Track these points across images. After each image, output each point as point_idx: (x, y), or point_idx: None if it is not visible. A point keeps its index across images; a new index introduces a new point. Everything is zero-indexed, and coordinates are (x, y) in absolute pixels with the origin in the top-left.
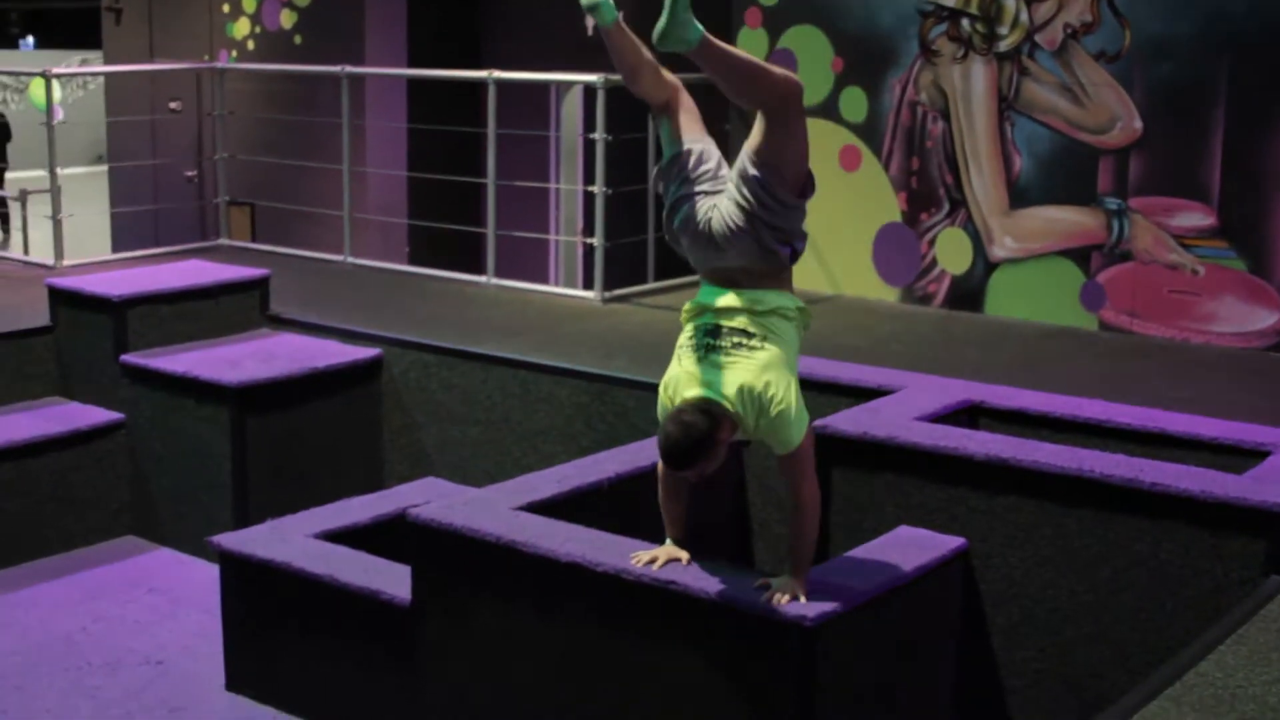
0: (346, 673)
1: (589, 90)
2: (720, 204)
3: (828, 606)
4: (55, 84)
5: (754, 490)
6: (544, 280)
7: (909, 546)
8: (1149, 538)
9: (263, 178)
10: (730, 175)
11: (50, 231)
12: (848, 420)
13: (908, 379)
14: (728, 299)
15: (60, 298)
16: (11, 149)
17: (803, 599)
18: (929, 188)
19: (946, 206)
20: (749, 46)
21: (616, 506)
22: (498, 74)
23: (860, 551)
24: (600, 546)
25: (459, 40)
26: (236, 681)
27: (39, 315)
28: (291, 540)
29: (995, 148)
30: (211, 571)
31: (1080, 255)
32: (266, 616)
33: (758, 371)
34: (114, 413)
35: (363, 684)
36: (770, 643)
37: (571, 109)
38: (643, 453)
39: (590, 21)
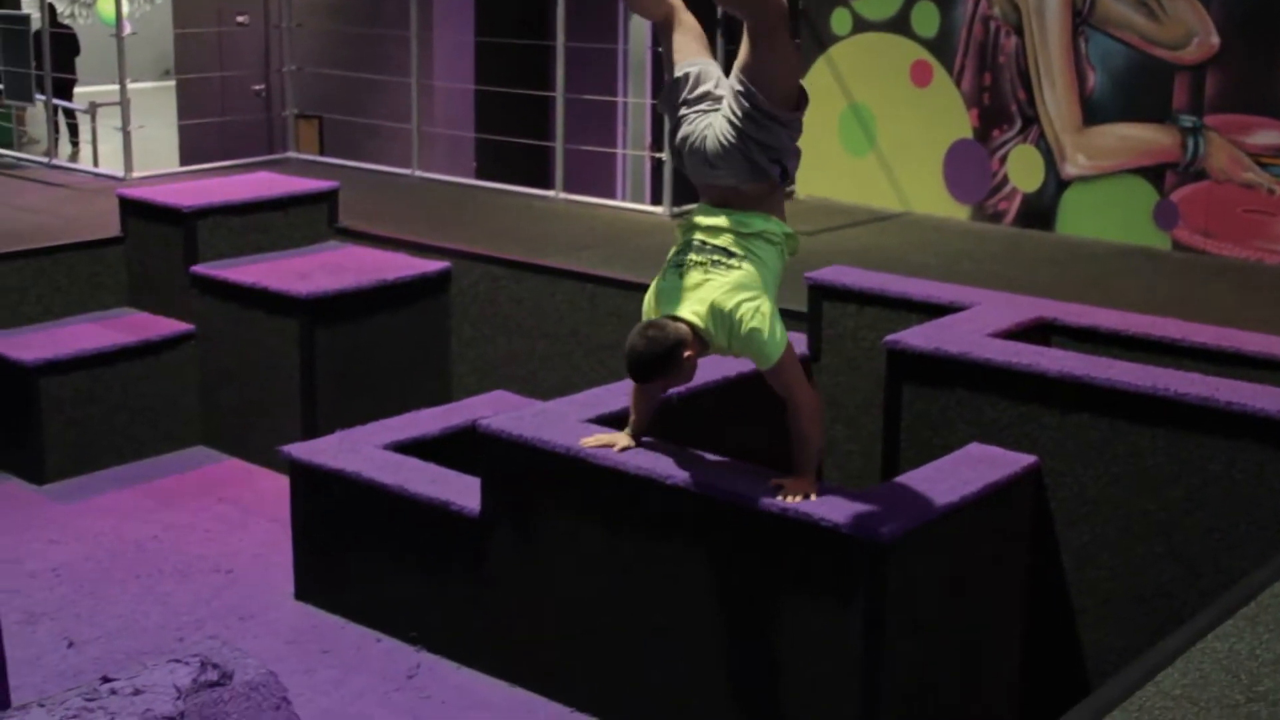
0: (414, 583)
1: None
2: (715, 121)
3: (899, 522)
4: None
5: (825, 407)
6: (611, 196)
7: (980, 463)
8: (1223, 457)
9: (330, 91)
10: (725, 92)
11: (119, 144)
12: (919, 336)
13: (979, 295)
14: (716, 218)
15: (130, 208)
16: (79, 62)
17: (814, 497)
18: (1001, 104)
19: (1019, 123)
20: None
21: (684, 420)
22: None
23: (931, 468)
24: (669, 460)
25: None
26: (305, 590)
27: (109, 226)
28: (361, 451)
29: (1069, 63)
30: (280, 481)
31: (1154, 173)
32: (335, 526)
33: (730, 290)
34: (184, 323)
35: (430, 594)
36: (843, 558)
37: (639, 21)
38: (710, 367)
39: None
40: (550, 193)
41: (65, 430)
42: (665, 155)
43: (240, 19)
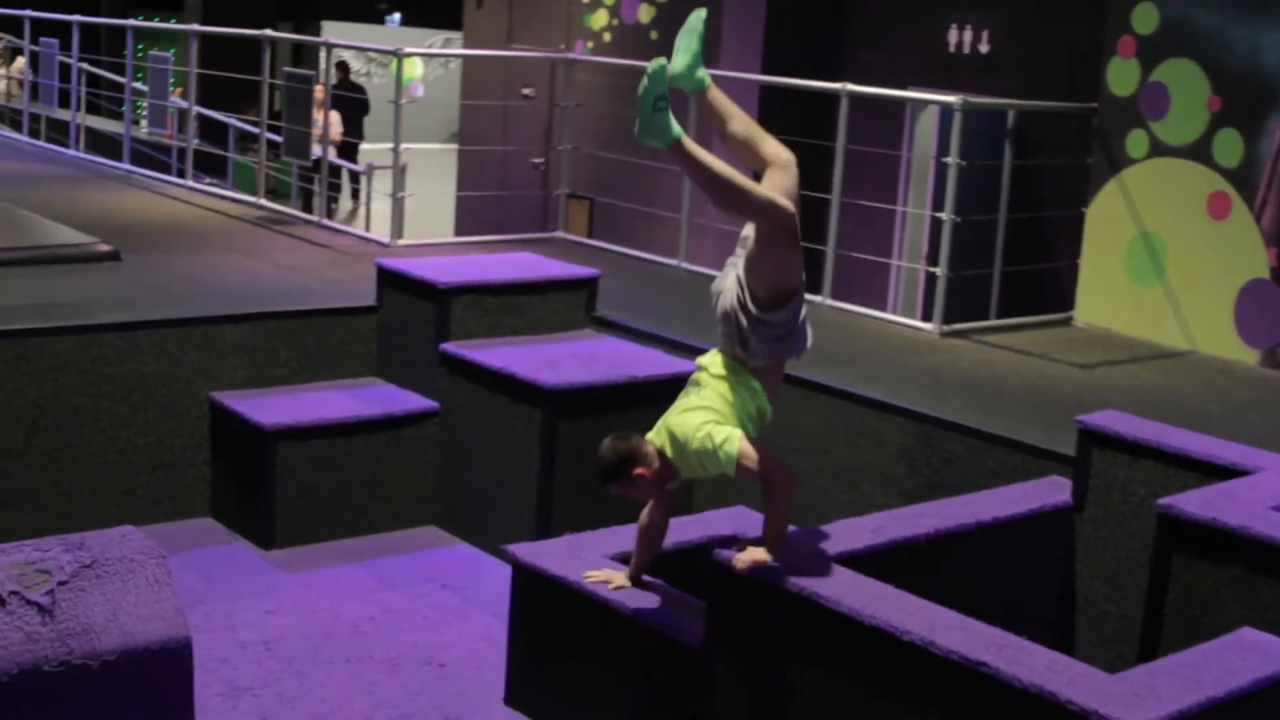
0: (627, 706)
1: (945, 111)
2: (729, 278)
3: (1153, 714)
4: (418, 61)
5: (1083, 559)
6: (881, 306)
7: (1252, 653)
8: None
9: (605, 172)
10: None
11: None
12: (1196, 502)
13: (1266, 460)
14: (707, 355)
15: (388, 279)
16: (369, 122)
17: (767, 560)
18: None
19: None
20: (1120, 77)
21: (932, 566)
22: (851, 87)
23: (1195, 653)
24: (909, 612)
25: (816, 48)
26: (515, 697)
27: (366, 294)
28: (587, 558)
29: None
30: (508, 574)
31: None
32: (553, 634)
33: (680, 413)
34: (429, 400)
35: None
36: None
37: (926, 129)
38: (968, 508)
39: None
40: (818, 298)
41: (298, 498)
42: (940, 270)
43: (526, 91)
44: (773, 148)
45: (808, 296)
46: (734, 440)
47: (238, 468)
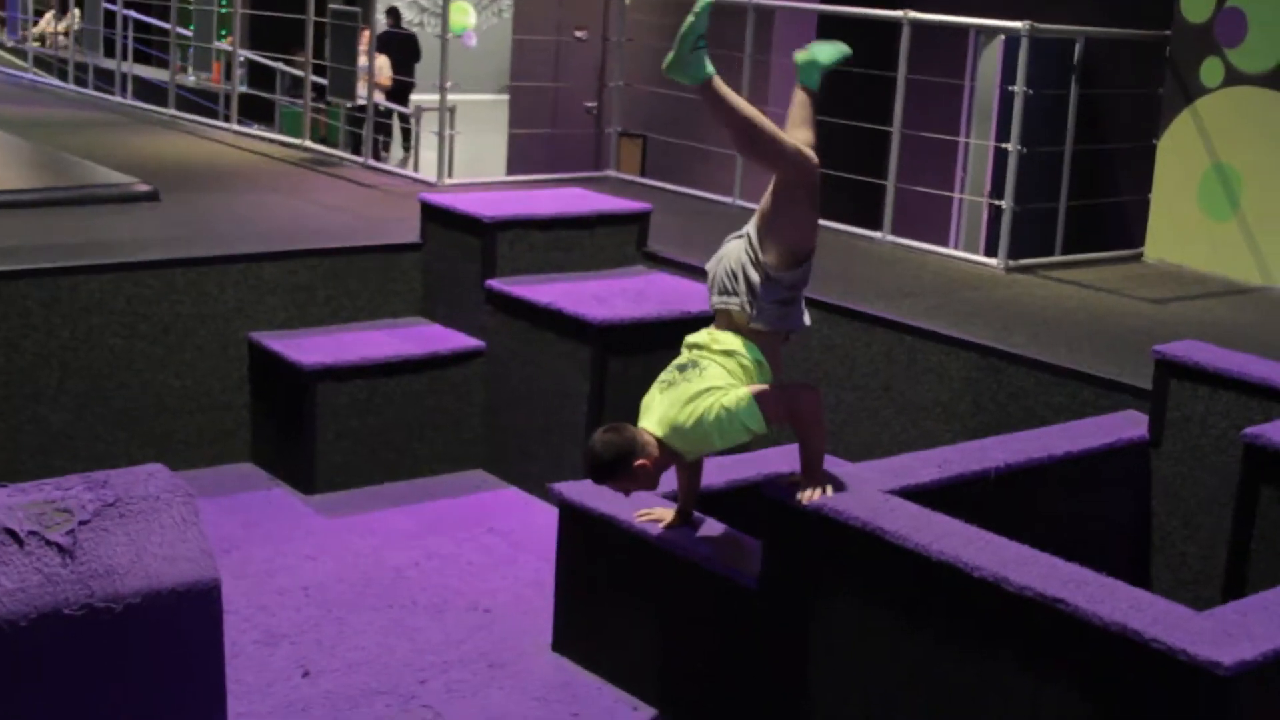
0: (680, 648)
1: (1011, 40)
2: (734, 244)
3: (1246, 652)
4: (471, 10)
5: (1159, 497)
6: (943, 242)
7: None
8: None
9: (658, 111)
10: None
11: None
12: None
13: None
14: (699, 335)
15: (431, 214)
16: (420, 69)
17: (830, 491)
18: None
19: None
20: (1194, 3)
21: (1001, 501)
22: (913, 14)
23: None
24: (980, 548)
25: None
26: (563, 642)
27: (410, 231)
28: (636, 497)
29: None
30: (556, 517)
31: None
32: (602, 576)
33: (684, 402)
34: (474, 339)
35: (697, 663)
36: (1174, 686)
37: (990, 60)
38: (1036, 442)
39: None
40: (877, 234)
41: (339, 441)
42: (1005, 203)
43: (578, 33)
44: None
45: (866, 232)
46: (746, 398)
47: (277, 410)
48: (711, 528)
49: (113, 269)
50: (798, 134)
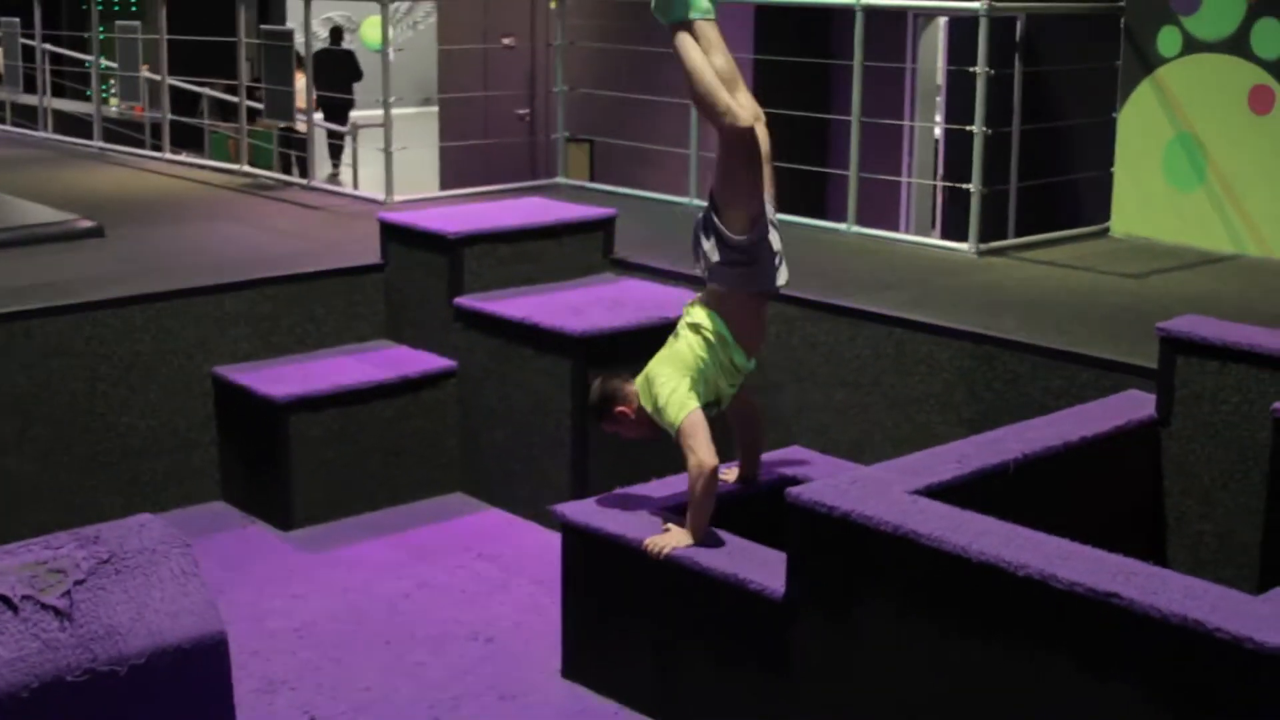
0: (703, 669)
1: (956, 23)
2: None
3: None
4: (386, 25)
5: (1171, 477)
6: (894, 228)
7: None
8: None
9: (600, 114)
10: None
11: (380, 167)
12: None
13: None
14: (690, 302)
15: (392, 234)
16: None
17: (682, 545)
18: None
19: None
20: None
21: (1020, 492)
22: (867, 0)
23: None
24: (1020, 545)
25: None
26: (574, 668)
27: (369, 252)
28: (643, 514)
29: None
30: (546, 538)
31: None
32: (613, 599)
33: (654, 365)
34: (445, 359)
35: (722, 683)
36: (1240, 674)
37: (931, 43)
38: (1049, 429)
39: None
40: (841, 225)
41: (315, 473)
42: (974, 187)
43: (506, 41)
44: (744, 96)
45: (829, 225)
46: (685, 410)
47: (248, 445)
48: (726, 542)
49: (69, 310)
50: (738, 96)
